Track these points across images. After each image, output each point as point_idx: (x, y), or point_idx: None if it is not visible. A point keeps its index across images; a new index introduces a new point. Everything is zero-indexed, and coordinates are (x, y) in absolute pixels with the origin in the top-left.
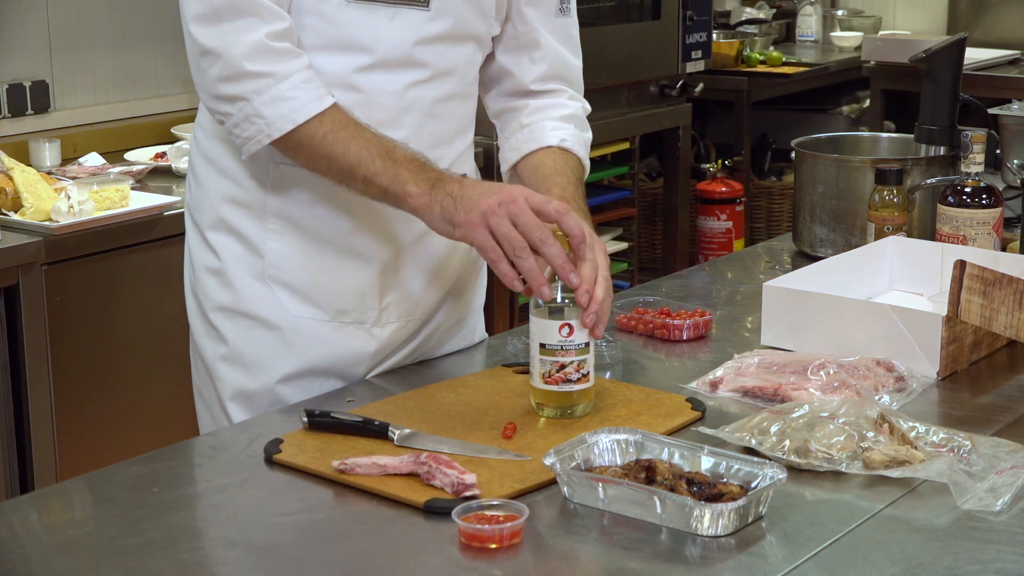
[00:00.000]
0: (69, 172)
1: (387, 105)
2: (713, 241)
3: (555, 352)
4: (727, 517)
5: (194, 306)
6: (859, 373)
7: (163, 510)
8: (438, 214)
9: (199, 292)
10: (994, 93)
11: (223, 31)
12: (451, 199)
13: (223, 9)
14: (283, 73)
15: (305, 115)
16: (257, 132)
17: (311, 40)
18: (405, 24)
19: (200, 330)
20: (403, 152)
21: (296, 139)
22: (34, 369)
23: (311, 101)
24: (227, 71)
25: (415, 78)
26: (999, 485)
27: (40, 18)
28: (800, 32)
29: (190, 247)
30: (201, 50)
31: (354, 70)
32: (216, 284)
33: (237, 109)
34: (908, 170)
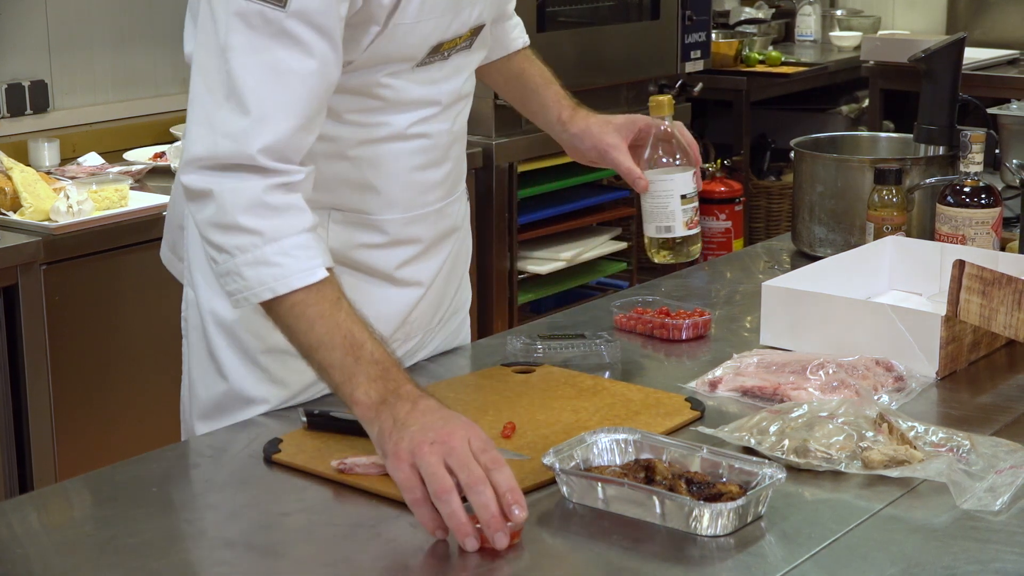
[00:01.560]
0: (68, 172)
1: (442, 144)
2: (712, 241)
3: (692, 199)
4: (726, 517)
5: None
6: (858, 373)
7: (162, 510)
8: (375, 435)
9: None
10: (993, 93)
11: (218, 177)
12: (392, 423)
13: (223, 161)
14: (273, 234)
15: (285, 287)
16: (237, 291)
17: (376, 105)
18: (454, 69)
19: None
20: (371, 349)
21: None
22: (33, 369)
23: (296, 273)
24: (219, 218)
25: (459, 110)
26: (998, 485)
27: (39, 18)
28: (799, 32)
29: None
30: (192, 192)
31: (423, 120)
32: (268, 325)
33: (223, 259)
34: (907, 170)
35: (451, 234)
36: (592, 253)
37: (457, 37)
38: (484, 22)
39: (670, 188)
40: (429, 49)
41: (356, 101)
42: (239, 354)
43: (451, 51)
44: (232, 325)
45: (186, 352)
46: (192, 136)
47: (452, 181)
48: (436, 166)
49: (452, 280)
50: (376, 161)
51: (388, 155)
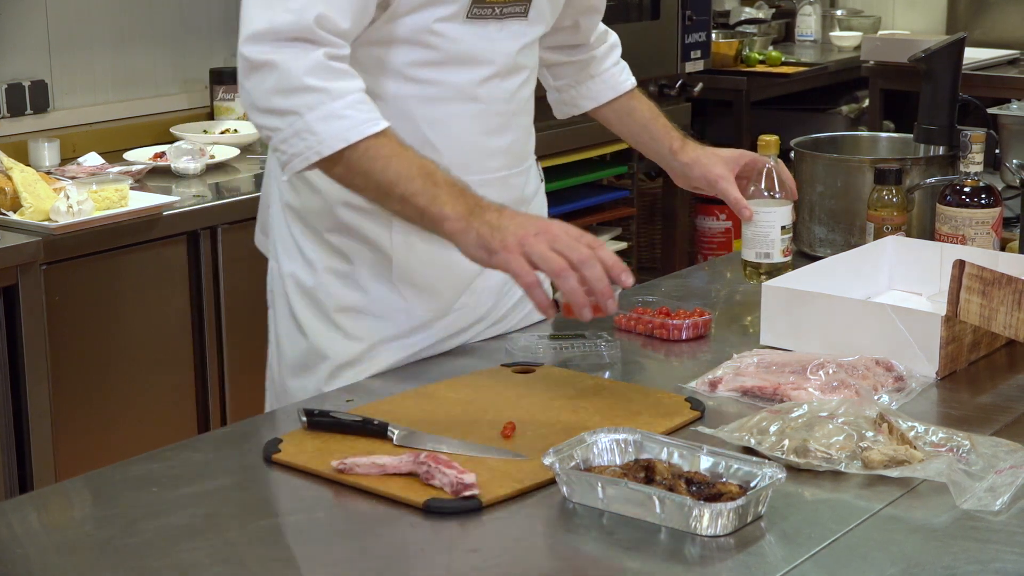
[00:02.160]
0: (68, 172)
1: (502, 111)
2: (712, 241)
3: (789, 230)
4: (726, 517)
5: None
6: (858, 373)
7: (162, 510)
8: (473, 241)
9: (320, 293)
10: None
11: (278, 47)
12: (488, 227)
13: (284, 33)
14: (338, 91)
15: (358, 135)
16: (306, 149)
17: (434, 56)
18: (511, 34)
19: (317, 332)
20: (444, 176)
21: (342, 157)
22: (33, 369)
23: (364, 122)
24: (283, 83)
25: (520, 81)
26: (998, 485)
27: (39, 18)
28: (799, 32)
29: (303, 250)
30: (255, 63)
31: (477, 82)
32: (343, 286)
33: (287, 124)
34: (907, 170)
35: (517, 206)
36: None
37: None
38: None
39: (772, 219)
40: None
41: (413, 52)
42: (317, 314)
43: (502, 8)
44: (310, 289)
45: (272, 319)
46: (250, 14)
47: (516, 152)
48: (498, 133)
49: None
50: (438, 122)
51: (450, 116)
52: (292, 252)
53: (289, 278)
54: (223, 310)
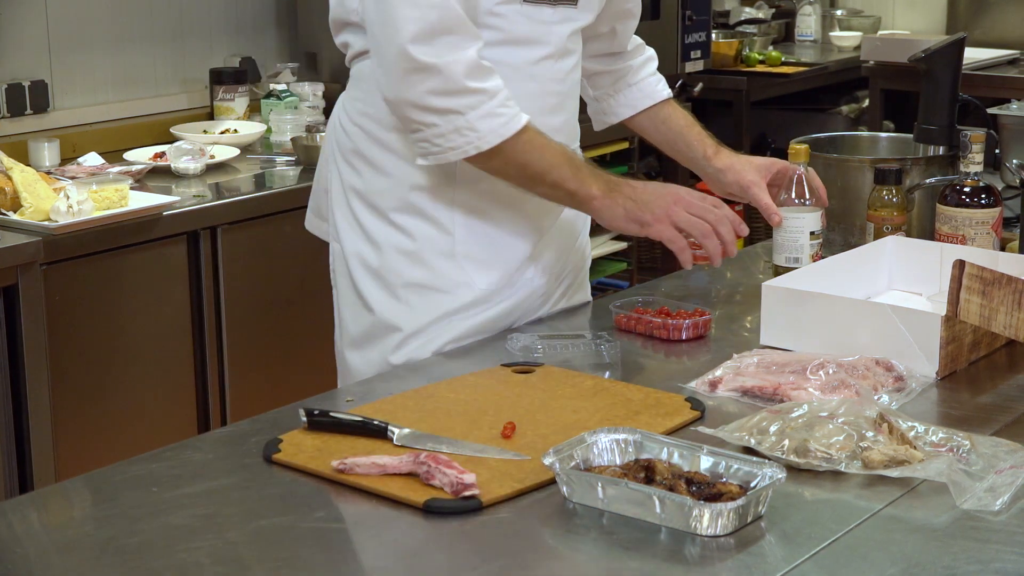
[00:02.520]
0: (68, 172)
1: (556, 91)
2: None
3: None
4: (726, 517)
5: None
6: (858, 373)
7: (162, 510)
8: (621, 215)
9: (385, 271)
10: (993, 93)
11: (439, 49)
12: (632, 202)
13: (438, 28)
14: (493, 90)
15: (511, 130)
16: (465, 144)
17: (493, 36)
18: (563, 18)
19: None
20: (579, 159)
21: (499, 150)
22: (33, 369)
23: (513, 117)
24: (446, 86)
25: (571, 64)
26: (998, 485)
27: (39, 18)
28: (799, 32)
29: (367, 230)
30: (416, 66)
31: (533, 62)
32: (408, 263)
33: (447, 121)
34: (907, 170)
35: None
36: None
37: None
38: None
39: (801, 225)
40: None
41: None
42: (383, 289)
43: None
44: (376, 267)
45: (336, 298)
46: (401, 14)
47: (569, 132)
48: (553, 112)
49: (572, 232)
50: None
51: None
52: (356, 233)
53: (354, 257)
54: (223, 310)
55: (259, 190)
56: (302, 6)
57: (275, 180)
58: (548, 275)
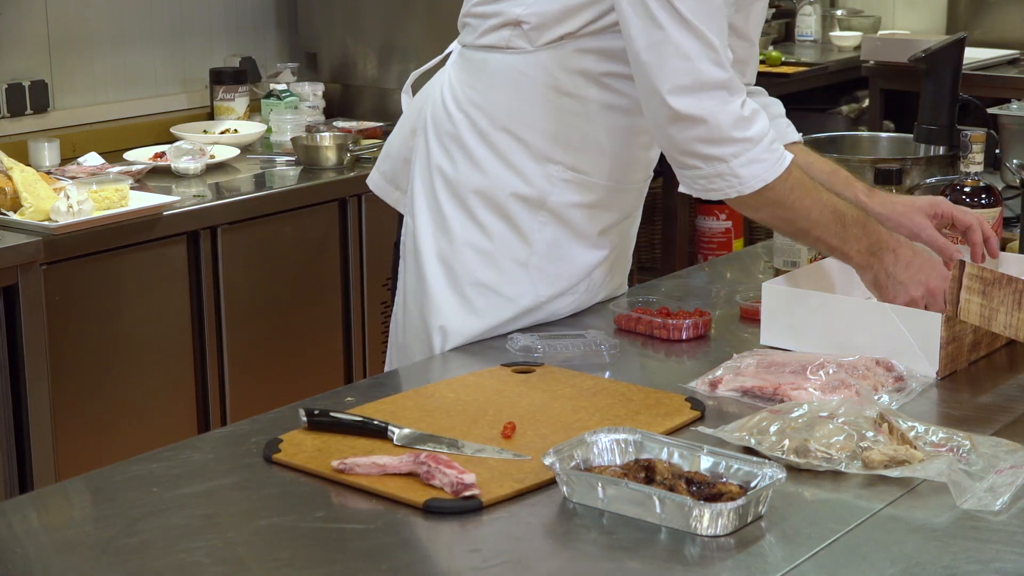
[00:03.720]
0: (68, 172)
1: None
2: (712, 241)
3: None
4: (726, 517)
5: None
6: (858, 373)
7: (162, 510)
8: (871, 280)
9: (455, 263)
10: (993, 93)
11: (704, 102)
12: (885, 275)
13: (707, 84)
14: (758, 137)
15: (774, 174)
16: (727, 187)
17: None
18: None
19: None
20: (850, 214)
21: (762, 195)
22: (33, 369)
23: (776, 161)
24: (711, 135)
25: None
26: (998, 485)
27: (39, 18)
28: (799, 32)
29: (446, 217)
30: (684, 116)
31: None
32: (480, 262)
33: (709, 166)
34: (907, 170)
35: (639, 207)
36: None
37: None
38: None
39: None
40: None
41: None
42: (449, 285)
43: None
44: (448, 257)
45: (403, 269)
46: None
47: (652, 165)
48: (651, 146)
49: (628, 248)
50: (616, 130)
51: (623, 125)
52: (434, 217)
53: (426, 240)
54: (223, 310)
55: (259, 190)
56: (302, 6)
57: (275, 180)
58: (605, 276)
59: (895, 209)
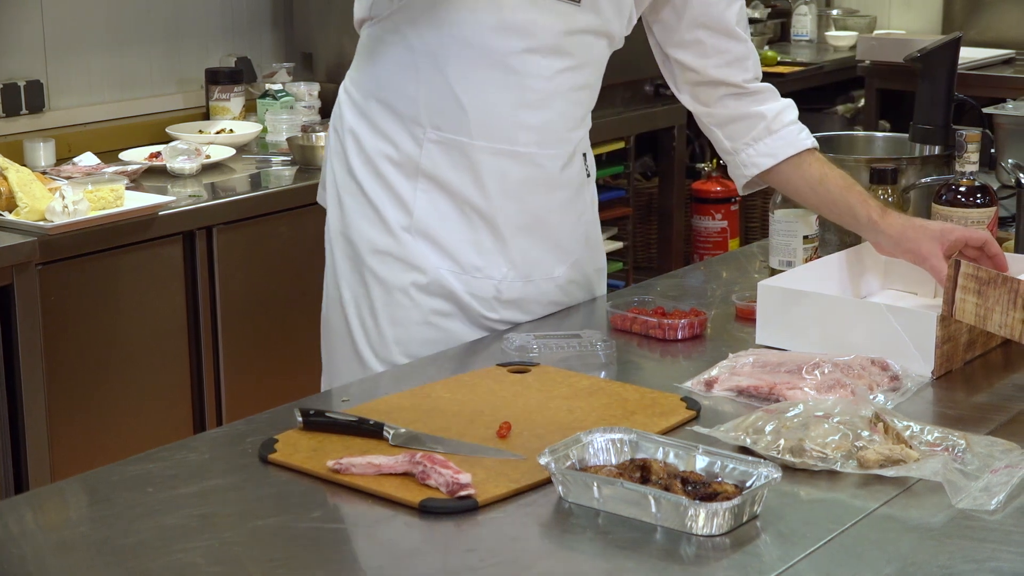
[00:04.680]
0: (64, 172)
1: (538, 88)
2: (708, 240)
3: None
4: (722, 516)
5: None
6: (854, 372)
7: (158, 510)
8: None
9: (352, 235)
10: (989, 92)
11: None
12: None
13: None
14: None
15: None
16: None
17: (484, 20)
18: (559, 15)
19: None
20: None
21: None
22: (28, 369)
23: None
24: None
25: (563, 65)
26: (993, 484)
27: (35, 18)
28: (795, 31)
29: (341, 198)
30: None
31: (516, 52)
32: (373, 230)
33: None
34: (903, 169)
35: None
36: None
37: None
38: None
39: (794, 229)
40: None
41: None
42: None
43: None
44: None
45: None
46: None
47: (551, 133)
48: (532, 108)
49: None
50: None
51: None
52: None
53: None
54: (219, 310)
55: (255, 190)
56: (298, 6)
57: (271, 180)
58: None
59: (905, 234)
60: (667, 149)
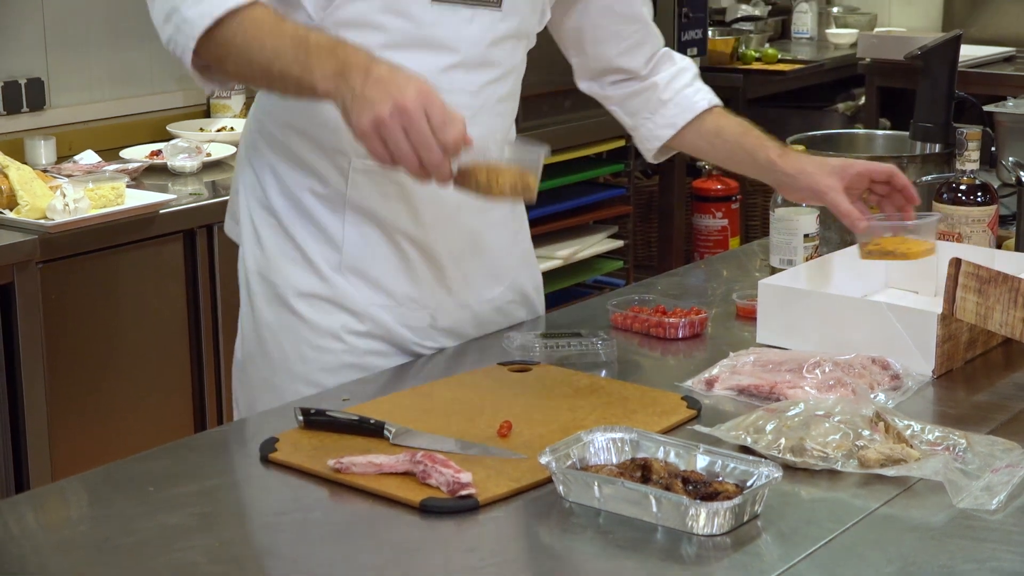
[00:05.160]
0: (64, 170)
1: (465, 104)
2: (709, 239)
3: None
4: (723, 516)
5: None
6: (854, 371)
7: (158, 509)
8: (340, 109)
9: (275, 278)
10: (989, 90)
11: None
12: (352, 95)
13: None
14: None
15: (223, 8)
16: (185, 39)
17: (397, 39)
18: (481, 25)
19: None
20: (316, 38)
21: (218, 41)
22: (29, 368)
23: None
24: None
25: (489, 78)
26: (994, 483)
27: (36, 15)
28: (795, 29)
29: (260, 237)
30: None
31: (439, 70)
32: (298, 271)
33: (171, 24)
34: (904, 167)
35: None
36: (589, 251)
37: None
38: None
39: (795, 227)
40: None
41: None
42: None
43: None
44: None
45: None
46: None
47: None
48: None
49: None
50: None
51: None
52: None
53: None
54: (219, 308)
55: None
56: None
57: None
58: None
59: (804, 169)
60: None
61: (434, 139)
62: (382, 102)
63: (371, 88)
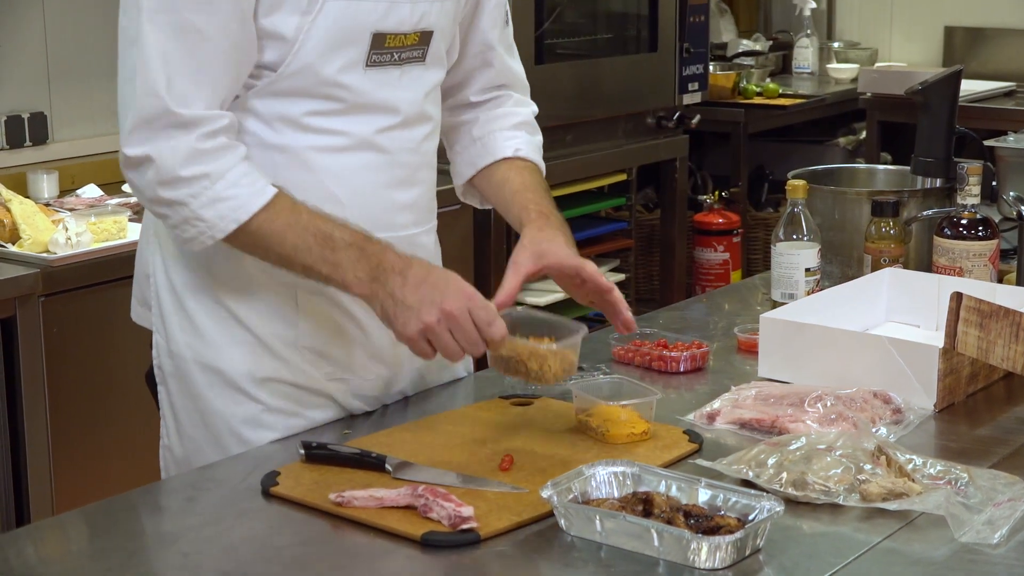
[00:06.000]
0: (67, 204)
1: (407, 162)
2: (710, 272)
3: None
4: (724, 550)
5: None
6: (856, 405)
7: (160, 543)
8: (379, 311)
9: (224, 364)
10: (990, 125)
11: (155, 138)
12: (392, 300)
13: (154, 121)
14: (218, 173)
15: (246, 214)
16: (199, 234)
17: (337, 107)
18: (412, 80)
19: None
20: (341, 237)
21: (239, 239)
22: (31, 401)
23: (250, 197)
24: (162, 176)
25: (425, 132)
26: (996, 518)
27: (38, 49)
28: (796, 64)
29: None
30: (133, 160)
31: (380, 130)
32: (248, 354)
33: (175, 212)
34: (904, 202)
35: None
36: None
37: (400, 33)
38: (431, 28)
39: (797, 261)
40: (370, 38)
41: (313, 103)
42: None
43: (400, 52)
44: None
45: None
46: (122, 112)
47: (423, 208)
48: (404, 186)
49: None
50: (340, 174)
51: (352, 167)
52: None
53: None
54: None
55: None
56: None
57: None
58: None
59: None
60: (669, 181)
61: (479, 337)
62: (428, 310)
63: (411, 293)
